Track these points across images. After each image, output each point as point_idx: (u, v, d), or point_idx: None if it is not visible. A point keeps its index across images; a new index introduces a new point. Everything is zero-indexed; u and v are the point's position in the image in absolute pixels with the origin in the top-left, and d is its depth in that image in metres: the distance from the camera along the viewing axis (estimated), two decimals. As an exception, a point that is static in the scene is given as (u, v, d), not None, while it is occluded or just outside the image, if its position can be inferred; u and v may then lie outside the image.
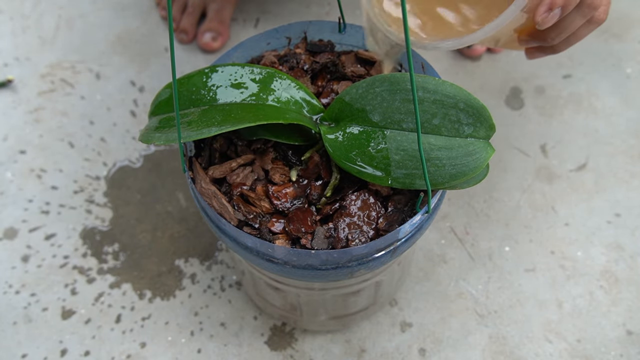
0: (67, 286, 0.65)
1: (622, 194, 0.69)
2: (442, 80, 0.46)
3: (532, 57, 0.53)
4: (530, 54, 0.53)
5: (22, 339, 0.62)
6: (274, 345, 0.62)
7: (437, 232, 0.67)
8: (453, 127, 0.45)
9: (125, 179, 0.72)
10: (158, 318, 0.63)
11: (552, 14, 0.45)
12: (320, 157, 0.49)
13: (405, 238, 0.46)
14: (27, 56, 0.81)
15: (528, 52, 0.53)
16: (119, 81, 0.79)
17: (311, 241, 0.46)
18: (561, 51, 0.51)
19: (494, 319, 0.62)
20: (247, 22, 0.84)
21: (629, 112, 0.75)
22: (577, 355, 0.60)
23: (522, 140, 0.73)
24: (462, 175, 0.44)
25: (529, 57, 0.53)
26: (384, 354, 0.61)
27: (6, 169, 0.72)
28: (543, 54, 0.52)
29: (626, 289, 0.64)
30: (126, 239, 0.68)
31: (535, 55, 0.53)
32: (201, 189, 0.47)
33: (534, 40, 0.50)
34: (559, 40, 0.49)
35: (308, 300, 0.55)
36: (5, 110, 0.77)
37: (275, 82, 0.49)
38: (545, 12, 0.45)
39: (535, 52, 0.53)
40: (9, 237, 0.68)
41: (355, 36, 0.55)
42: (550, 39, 0.49)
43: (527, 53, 0.53)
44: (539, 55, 0.53)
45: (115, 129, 0.75)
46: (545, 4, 0.45)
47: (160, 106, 0.48)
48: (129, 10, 0.85)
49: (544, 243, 0.66)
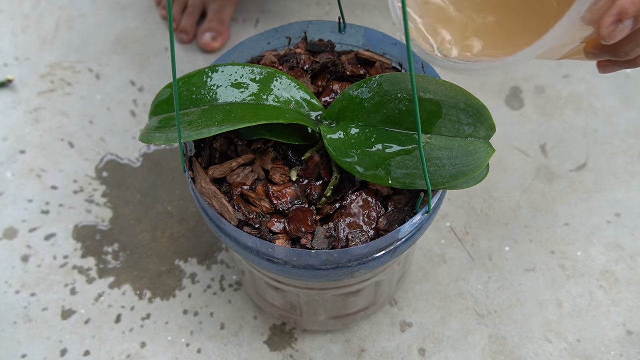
0: (67, 286, 0.65)
1: (622, 194, 0.69)
2: (443, 81, 0.46)
3: (605, 71, 0.44)
4: (602, 68, 0.44)
5: (22, 339, 0.62)
6: (273, 345, 0.62)
7: (437, 232, 0.67)
8: (453, 127, 0.45)
9: (125, 179, 0.72)
10: (158, 318, 0.63)
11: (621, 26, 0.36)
12: (320, 157, 0.49)
13: (406, 238, 0.46)
14: (27, 56, 0.81)
15: (600, 66, 0.44)
16: (119, 81, 0.79)
17: (311, 241, 0.46)
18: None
19: (494, 319, 0.62)
20: (247, 22, 0.84)
21: (629, 112, 0.75)
22: (577, 355, 0.60)
23: (522, 140, 0.73)
24: (462, 176, 0.44)
25: (601, 71, 0.45)
26: (384, 354, 0.61)
27: (6, 169, 0.72)
28: (619, 67, 0.43)
29: (626, 289, 0.64)
30: (126, 239, 0.68)
31: (609, 69, 0.44)
32: (201, 189, 0.48)
33: (605, 53, 0.41)
34: (635, 55, 0.40)
35: (308, 300, 0.55)
36: (5, 110, 0.77)
37: (275, 82, 0.49)
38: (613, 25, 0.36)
39: (609, 66, 0.44)
40: (9, 237, 0.68)
41: (356, 36, 0.55)
42: (624, 53, 0.40)
43: (599, 67, 0.44)
44: (615, 69, 0.44)
45: (115, 129, 0.75)
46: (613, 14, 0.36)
47: (161, 106, 0.48)
48: (129, 10, 0.85)
49: (544, 243, 0.66)
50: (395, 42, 0.54)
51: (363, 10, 0.85)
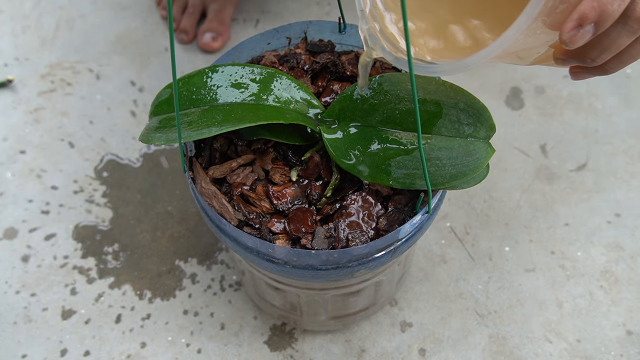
0: (67, 286, 0.65)
1: (622, 194, 0.69)
2: (443, 81, 0.46)
3: (577, 78, 0.44)
4: (574, 75, 0.44)
5: (22, 339, 0.62)
6: (273, 345, 0.62)
7: (437, 232, 0.67)
8: (453, 127, 0.45)
9: (125, 179, 0.72)
10: (158, 318, 0.63)
11: (582, 31, 0.35)
12: (320, 157, 0.49)
13: (406, 238, 0.46)
14: (27, 56, 0.81)
15: (572, 73, 0.44)
16: (119, 81, 0.79)
17: (311, 241, 0.46)
18: (613, 72, 0.42)
19: (494, 319, 0.62)
20: (247, 22, 0.84)
21: (629, 112, 0.75)
22: (577, 355, 0.60)
23: (522, 140, 0.73)
24: (462, 176, 0.44)
25: (573, 77, 0.44)
26: (384, 354, 0.61)
27: (6, 169, 0.72)
28: (590, 74, 0.43)
29: (626, 289, 0.64)
30: (126, 239, 0.68)
31: (580, 76, 0.43)
32: (201, 189, 0.48)
33: (572, 59, 0.40)
34: (602, 61, 0.40)
35: (308, 300, 0.55)
36: (5, 110, 0.77)
37: (275, 82, 0.49)
38: (574, 30, 0.35)
39: (581, 73, 0.43)
40: (9, 237, 0.68)
41: (356, 36, 0.55)
42: (590, 59, 0.39)
43: (571, 73, 0.44)
44: (586, 76, 0.43)
45: (115, 129, 0.75)
46: (573, 19, 0.35)
47: (161, 106, 0.48)
48: (129, 10, 0.85)
49: (544, 243, 0.66)
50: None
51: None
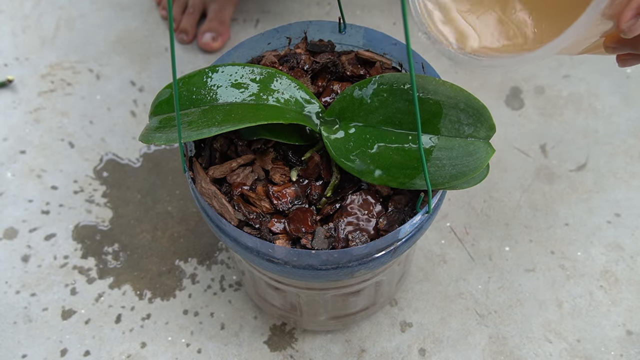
0: (67, 286, 0.65)
1: (622, 194, 0.69)
2: (443, 81, 0.46)
3: (624, 65, 0.45)
4: (621, 62, 0.45)
5: (22, 339, 0.62)
6: (273, 345, 0.62)
7: (437, 232, 0.67)
8: (453, 127, 0.45)
9: (125, 179, 0.72)
10: (158, 318, 0.63)
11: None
12: (320, 157, 0.49)
13: (406, 238, 0.46)
14: (27, 56, 0.81)
15: (619, 60, 0.45)
16: (119, 81, 0.79)
17: (311, 241, 0.46)
18: None
19: (494, 319, 0.62)
20: (247, 22, 0.84)
21: (629, 112, 0.75)
22: (577, 355, 0.60)
23: (522, 140, 0.73)
24: (462, 176, 0.44)
25: (620, 64, 0.45)
26: (384, 354, 0.61)
27: (6, 169, 0.72)
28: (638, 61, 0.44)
29: (626, 289, 0.64)
30: (126, 239, 0.68)
31: (628, 63, 0.44)
32: (201, 189, 0.48)
33: (624, 47, 0.41)
34: None
35: (308, 300, 0.55)
36: (5, 110, 0.77)
37: (275, 82, 0.49)
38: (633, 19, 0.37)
39: (629, 60, 0.44)
40: (9, 237, 0.68)
41: (355, 36, 0.55)
42: None
43: (619, 61, 0.45)
44: (634, 62, 0.44)
45: (115, 129, 0.75)
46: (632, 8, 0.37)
47: (161, 106, 0.48)
48: (129, 10, 0.85)
49: (544, 243, 0.66)
50: (395, 42, 0.54)
51: (363, 10, 0.85)
